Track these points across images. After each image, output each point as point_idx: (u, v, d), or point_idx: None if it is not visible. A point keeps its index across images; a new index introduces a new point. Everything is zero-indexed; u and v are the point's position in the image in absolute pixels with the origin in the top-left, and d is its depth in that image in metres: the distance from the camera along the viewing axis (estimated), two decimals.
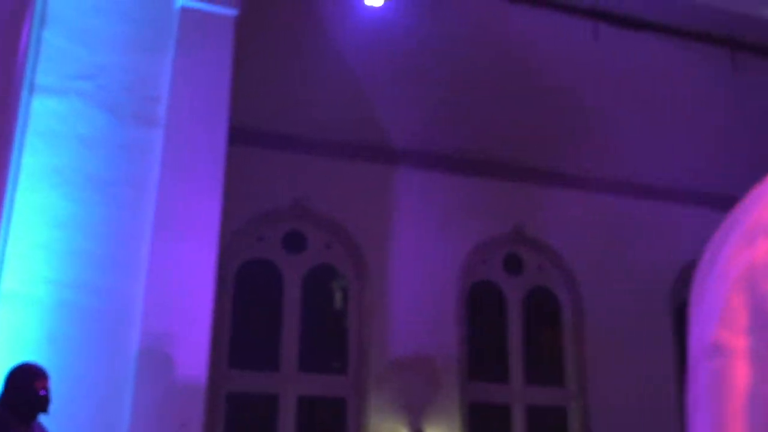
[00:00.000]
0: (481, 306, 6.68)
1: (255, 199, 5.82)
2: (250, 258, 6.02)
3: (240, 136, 5.03)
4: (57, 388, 3.06)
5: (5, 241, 3.91)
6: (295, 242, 6.18)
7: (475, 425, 6.24)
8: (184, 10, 4.43)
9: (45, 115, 4.04)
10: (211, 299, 4.11)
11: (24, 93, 3.89)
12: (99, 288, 3.95)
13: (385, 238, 6.20)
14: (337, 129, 6.08)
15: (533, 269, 6.86)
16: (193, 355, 3.96)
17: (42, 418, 3.06)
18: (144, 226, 4.08)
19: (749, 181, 0.51)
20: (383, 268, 6.14)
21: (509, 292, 6.73)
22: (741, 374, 0.40)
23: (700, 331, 0.45)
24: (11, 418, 2.96)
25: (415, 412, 5.89)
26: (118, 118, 4.06)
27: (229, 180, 4.37)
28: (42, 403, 3.00)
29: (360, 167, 6.23)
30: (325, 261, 6.28)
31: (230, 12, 4.56)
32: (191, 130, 4.30)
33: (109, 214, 4.05)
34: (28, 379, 3.01)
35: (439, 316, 6.16)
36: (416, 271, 6.20)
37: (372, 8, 5.34)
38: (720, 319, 0.43)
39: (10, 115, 3.57)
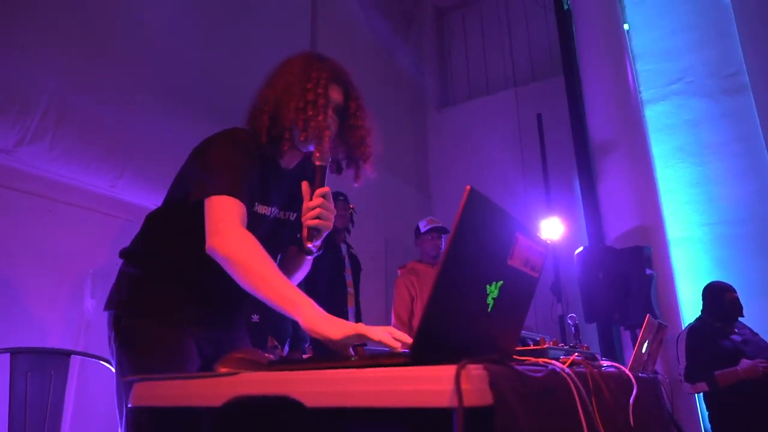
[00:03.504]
0: None
1: None
2: None
3: None
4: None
5: (659, 204, 5.68)
6: None
7: None
8: None
9: (656, 117, 5.69)
10: None
11: (640, 108, 5.63)
12: (742, 220, 5.25)
13: None
14: None
15: None
16: None
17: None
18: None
19: None
20: None
21: None
22: None
23: None
24: (712, 322, 3.91)
25: None
26: (713, 99, 5.27)
27: None
28: (736, 309, 3.87)
29: None
30: None
31: None
32: None
33: (727, 168, 5.28)
34: (719, 292, 4.04)
35: None
36: None
37: None
38: None
39: (641, 127, 5.34)
